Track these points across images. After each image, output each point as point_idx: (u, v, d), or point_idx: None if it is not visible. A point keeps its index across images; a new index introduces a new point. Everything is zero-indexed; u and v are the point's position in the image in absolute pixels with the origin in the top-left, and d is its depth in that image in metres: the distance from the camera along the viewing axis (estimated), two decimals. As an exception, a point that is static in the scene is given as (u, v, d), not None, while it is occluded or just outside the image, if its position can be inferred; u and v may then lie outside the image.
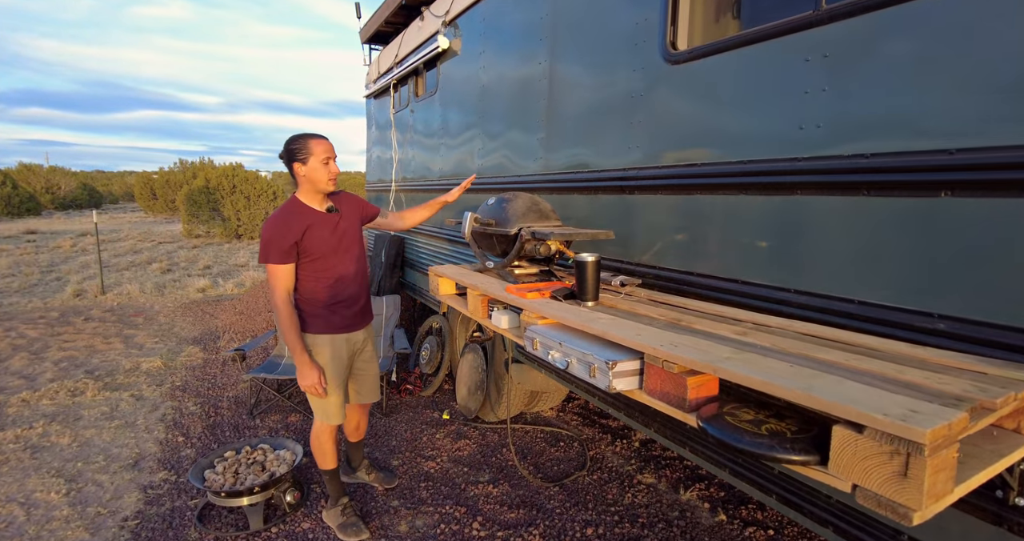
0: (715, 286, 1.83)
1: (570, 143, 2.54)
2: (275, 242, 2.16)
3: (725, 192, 1.79)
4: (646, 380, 1.28)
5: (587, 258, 1.71)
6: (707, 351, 1.20)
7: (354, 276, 2.38)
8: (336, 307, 2.33)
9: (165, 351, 5.34)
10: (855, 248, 1.44)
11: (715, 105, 1.82)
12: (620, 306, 1.72)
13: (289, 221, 2.20)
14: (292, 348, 2.25)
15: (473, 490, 2.84)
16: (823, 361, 1.15)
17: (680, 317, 1.56)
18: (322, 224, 2.26)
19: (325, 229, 2.26)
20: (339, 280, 2.32)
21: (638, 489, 2.88)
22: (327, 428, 2.45)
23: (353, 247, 2.38)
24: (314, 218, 2.25)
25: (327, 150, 2.21)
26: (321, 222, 2.26)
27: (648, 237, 2.12)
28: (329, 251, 2.27)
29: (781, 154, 1.60)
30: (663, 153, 2.03)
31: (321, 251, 2.25)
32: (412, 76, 4.63)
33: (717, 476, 1.86)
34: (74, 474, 3.04)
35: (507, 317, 1.94)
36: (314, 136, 2.22)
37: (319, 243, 2.24)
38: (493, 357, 3.45)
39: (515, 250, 2.08)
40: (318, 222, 2.25)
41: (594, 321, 1.48)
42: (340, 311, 2.34)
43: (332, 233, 2.29)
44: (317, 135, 2.24)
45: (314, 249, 2.23)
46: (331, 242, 2.28)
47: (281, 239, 2.16)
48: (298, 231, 2.19)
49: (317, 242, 2.23)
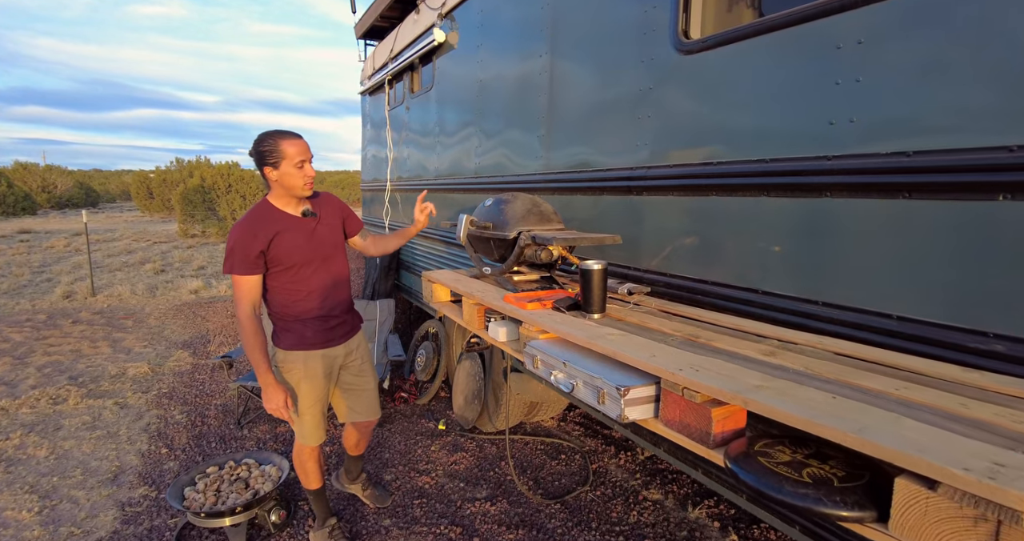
0: (733, 296, 1.68)
1: (573, 140, 2.39)
2: (238, 251, 1.95)
3: (744, 193, 1.64)
4: (663, 409, 1.13)
5: (593, 266, 1.55)
6: (734, 377, 1.05)
7: (332, 287, 2.15)
8: (310, 322, 2.12)
9: (153, 356, 5.18)
10: (894, 257, 1.29)
11: (732, 98, 1.66)
12: (630, 319, 1.57)
13: (255, 228, 1.97)
14: (256, 367, 2.03)
15: (470, 508, 2.68)
16: (868, 390, 0.99)
17: (697, 333, 1.40)
18: (295, 230, 2.04)
19: (299, 236, 2.04)
20: (313, 292, 2.10)
21: (644, 506, 2.73)
22: (306, 449, 2.26)
23: (332, 255, 2.15)
24: (285, 224, 2.03)
25: (301, 151, 1.95)
26: (294, 228, 2.04)
27: (657, 242, 1.97)
28: (302, 260, 2.05)
29: (808, 152, 1.45)
30: (674, 151, 1.87)
31: (293, 260, 2.03)
32: (407, 71, 4.47)
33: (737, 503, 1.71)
34: (49, 490, 2.88)
35: (505, 329, 1.78)
36: (286, 135, 1.96)
37: (291, 251, 2.02)
38: (491, 365, 3.30)
39: (514, 256, 1.93)
40: (290, 228, 2.03)
41: (602, 338, 1.33)
42: (314, 325, 2.12)
43: (307, 240, 2.07)
44: (289, 134, 1.97)
45: (284, 258, 2.01)
46: (305, 250, 2.06)
47: (245, 248, 1.95)
48: (264, 239, 1.97)
49: (288, 250, 2.01)
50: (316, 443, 2.24)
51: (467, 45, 3.41)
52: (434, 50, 3.84)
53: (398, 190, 4.85)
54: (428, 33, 3.79)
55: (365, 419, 2.39)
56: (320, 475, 2.35)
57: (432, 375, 4.01)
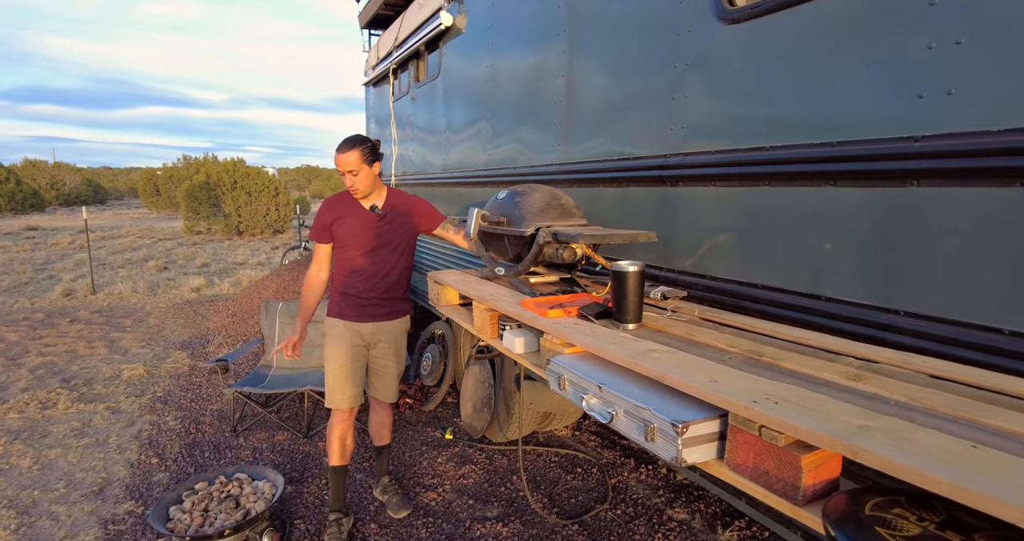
0: (789, 303, 1.44)
1: (595, 127, 2.15)
2: (316, 220, 2.39)
3: (805, 183, 1.40)
4: (731, 450, 0.90)
5: (629, 267, 1.32)
6: (826, 413, 0.82)
7: (373, 273, 2.38)
8: (347, 296, 2.39)
9: (150, 357, 5.00)
10: (1005, 259, 1.05)
11: (789, 72, 1.42)
12: (671, 330, 1.33)
13: (329, 206, 2.38)
14: (299, 315, 2.43)
15: (480, 529, 2.46)
16: (1010, 434, 0.76)
17: (758, 349, 1.17)
18: (357, 218, 2.34)
19: (357, 223, 2.34)
20: (356, 272, 2.37)
21: (669, 528, 2.50)
22: (335, 414, 2.44)
23: (383, 249, 2.37)
24: (351, 210, 2.35)
25: (338, 164, 2.26)
26: (357, 215, 2.35)
27: (695, 239, 1.73)
28: (353, 243, 2.35)
29: (889, 132, 1.21)
30: (717, 135, 1.63)
31: (345, 241, 2.35)
32: (413, 59, 4.24)
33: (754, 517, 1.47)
34: (28, 505, 2.69)
35: (523, 339, 1.55)
36: (338, 147, 2.26)
37: (346, 233, 2.34)
38: (502, 372, 3.07)
39: (531, 255, 1.70)
40: (354, 214, 2.35)
41: (644, 356, 1.10)
42: (349, 300, 2.40)
43: (365, 229, 2.34)
44: (339, 145, 2.26)
45: (340, 237, 2.36)
46: (362, 237, 2.34)
47: (319, 219, 2.37)
48: (330, 217, 2.35)
49: (345, 232, 2.34)
50: (336, 406, 2.40)
51: (476, 28, 3.17)
52: (441, 35, 3.61)
53: (402, 185, 4.63)
54: (435, 17, 3.56)
55: (381, 398, 2.55)
56: (340, 452, 2.44)
57: (439, 380, 3.79)
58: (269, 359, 3.84)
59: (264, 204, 15.45)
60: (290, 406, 3.79)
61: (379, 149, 2.31)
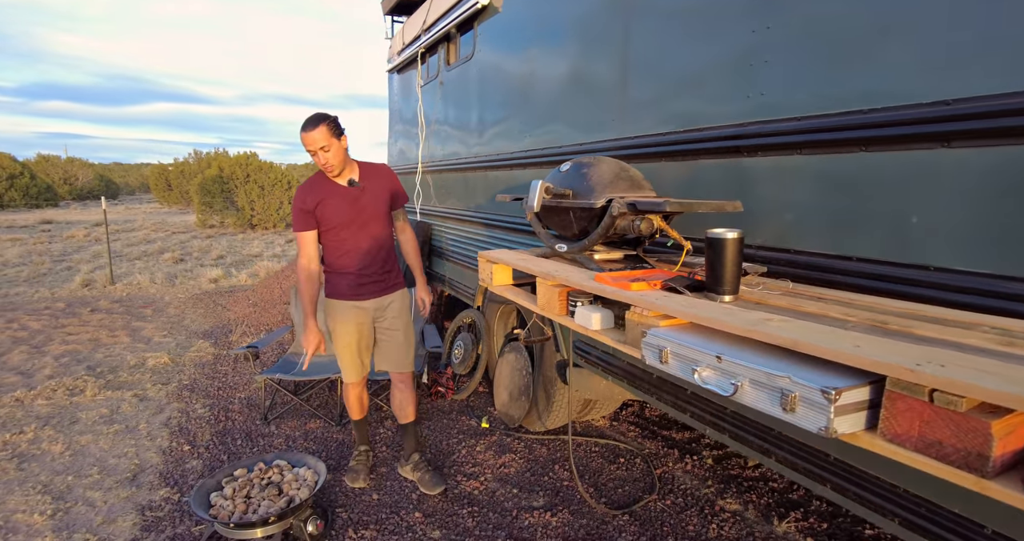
0: (890, 275, 1.34)
1: (656, 98, 2.05)
2: (295, 210, 2.35)
3: (909, 146, 1.30)
4: (888, 418, 0.81)
5: (727, 234, 1.23)
6: (1013, 378, 0.72)
7: (366, 251, 2.40)
8: (345, 276, 2.42)
9: (173, 346, 4.95)
10: None
11: (893, 22, 1.32)
12: (773, 302, 1.24)
13: (307, 192, 2.34)
14: (303, 310, 2.41)
15: (528, 518, 2.38)
16: None
17: (880, 318, 1.07)
18: (339, 196, 2.34)
19: (342, 202, 2.33)
20: (349, 251, 2.38)
21: (723, 518, 2.41)
22: (347, 385, 2.62)
23: (371, 223, 2.40)
24: (330, 190, 2.34)
25: (306, 143, 2.20)
26: (337, 195, 2.34)
27: (775, 211, 1.63)
28: (341, 223, 2.34)
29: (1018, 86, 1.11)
30: (803, 99, 1.53)
31: (333, 222, 2.33)
32: (443, 42, 4.14)
33: (842, 506, 1.38)
34: (63, 490, 2.64)
35: (599, 315, 1.47)
36: (302, 127, 2.21)
37: (333, 214, 2.32)
38: (542, 359, 2.99)
39: (602, 227, 1.61)
40: (334, 194, 2.33)
41: (765, 325, 1.01)
42: (347, 279, 2.42)
43: (350, 206, 2.34)
44: (303, 125, 2.20)
45: (326, 220, 2.33)
46: (348, 214, 2.34)
47: (299, 206, 2.33)
48: (312, 202, 2.31)
49: (331, 213, 2.32)
50: (349, 380, 2.58)
51: (516, 4, 3.08)
52: (476, 15, 3.52)
53: (431, 171, 4.55)
54: (469, -3, 3.46)
55: (394, 370, 2.57)
56: (359, 409, 2.71)
57: (471, 368, 3.72)
58: (299, 346, 3.77)
59: (277, 198, 15.43)
60: (320, 394, 3.73)
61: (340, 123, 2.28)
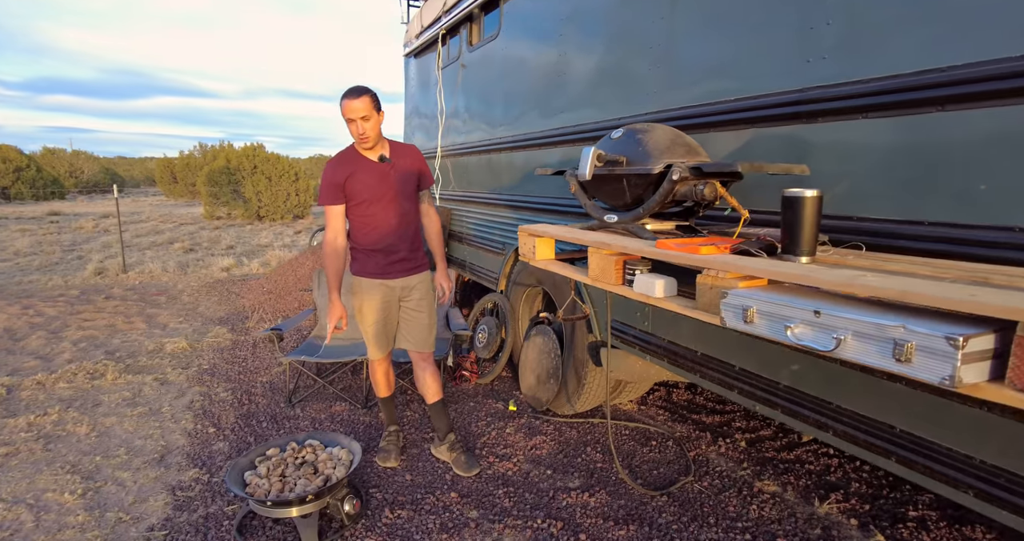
0: (969, 239, 1.29)
1: (703, 66, 2.00)
2: (324, 184, 2.31)
3: (995, 103, 1.25)
4: (1018, 367, 0.76)
5: (806, 193, 1.18)
6: None
7: (395, 227, 2.38)
8: (372, 253, 2.40)
9: (190, 331, 4.93)
10: None
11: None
12: (855, 263, 1.19)
13: (337, 165, 2.32)
14: (328, 285, 2.39)
15: (565, 499, 2.35)
16: None
17: (982, 275, 1.03)
18: (368, 171, 2.32)
19: (371, 176, 2.32)
20: (377, 227, 2.36)
21: (762, 500, 2.37)
22: (373, 362, 2.61)
23: (399, 199, 2.37)
24: (361, 165, 2.32)
25: (348, 111, 2.20)
26: (368, 169, 2.32)
27: (837, 178, 1.58)
28: (371, 198, 2.32)
29: None
30: (869, 61, 1.48)
31: (363, 197, 2.31)
32: (465, 23, 4.08)
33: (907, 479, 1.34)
34: (91, 470, 2.61)
35: (663, 281, 1.42)
36: (345, 94, 2.21)
37: (362, 189, 2.30)
38: (573, 340, 2.95)
39: (661, 193, 1.56)
40: (364, 169, 2.31)
41: (861, 279, 0.96)
42: (376, 257, 2.40)
43: (379, 181, 2.33)
44: (347, 93, 2.21)
45: (356, 194, 2.31)
46: (377, 189, 2.32)
47: (329, 180, 2.30)
48: (342, 175, 2.29)
49: (360, 187, 2.30)
50: (375, 357, 2.57)
51: (546, -20, 3.02)
52: (502, -8, 3.45)
53: (450, 155, 4.50)
54: (495, -27, 3.40)
55: (416, 349, 2.56)
56: (386, 386, 2.68)
57: (496, 352, 3.68)
58: (322, 329, 3.74)
59: (284, 189, 15.39)
60: (343, 378, 3.70)
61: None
